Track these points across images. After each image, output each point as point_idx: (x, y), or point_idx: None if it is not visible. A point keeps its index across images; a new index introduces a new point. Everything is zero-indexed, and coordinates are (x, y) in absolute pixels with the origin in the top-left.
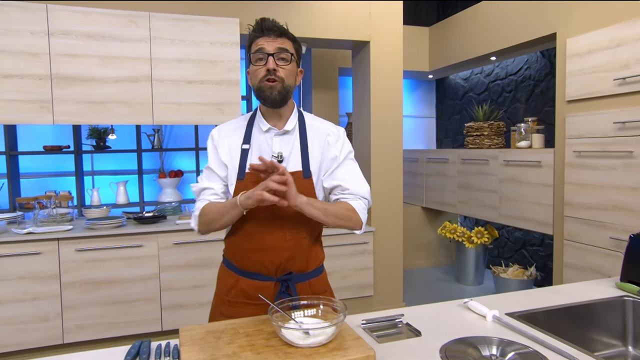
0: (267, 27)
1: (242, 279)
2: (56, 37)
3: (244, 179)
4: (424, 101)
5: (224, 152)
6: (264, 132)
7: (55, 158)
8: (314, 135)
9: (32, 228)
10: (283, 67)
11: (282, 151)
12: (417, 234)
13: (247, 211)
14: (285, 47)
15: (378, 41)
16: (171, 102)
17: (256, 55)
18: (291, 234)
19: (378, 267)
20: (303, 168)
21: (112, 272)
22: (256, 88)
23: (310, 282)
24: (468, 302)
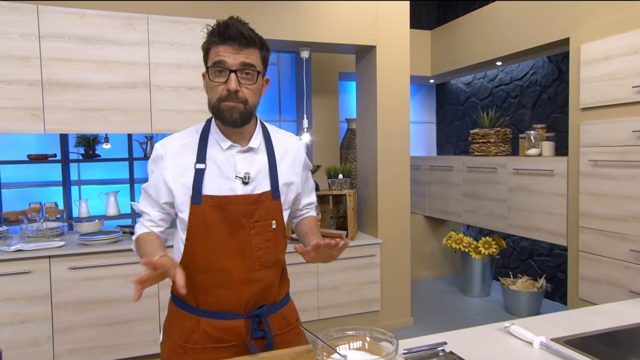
0: (230, 35)
1: (205, 320)
2: (48, 40)
3: (200, 203)
4: (424, 106)
5: (170, 174)
6: (224, 150)
7: (39, 167)
8: (283, 151)
9: (20, 245)
10: (247, 86)
11: (249, 171)
12: (420, 244)
13: (204, 239)
14: (250, 61)
15: (385, 45)
16: (171, 109)
17: (214, 69)
18: (260, 264)
19: (385, 281)
20: (272, 188)
21: (107, 292)
22: (212, 105)
23: (282, 312)
24: (510, 327)
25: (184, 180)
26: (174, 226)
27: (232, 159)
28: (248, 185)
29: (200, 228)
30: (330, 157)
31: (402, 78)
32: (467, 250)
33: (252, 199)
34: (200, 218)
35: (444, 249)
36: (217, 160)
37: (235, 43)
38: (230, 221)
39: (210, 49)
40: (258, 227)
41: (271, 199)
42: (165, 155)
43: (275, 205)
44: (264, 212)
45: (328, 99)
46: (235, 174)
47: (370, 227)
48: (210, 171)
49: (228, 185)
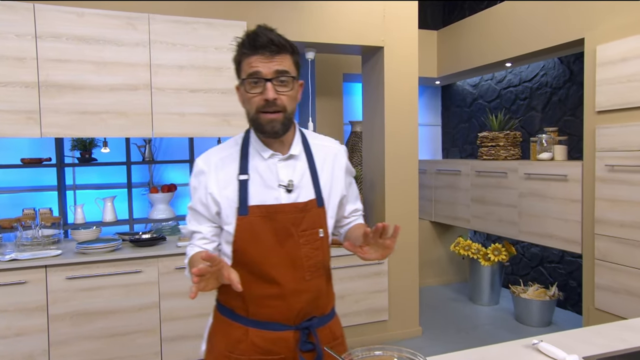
0: (260, 44)
1: (254, 331)
2: (45, 41)
3: (247, 214)
4: (429, 108)
5: (215, 187)
6: (265, 159)
7: (32, 171)
8: (323, 157)
9: (15, 254)
10: (284, 93)
11: (292, 178)
12: (427, 250)
13: (253, 249)
14: (284, 67)
15: (393, 46)
16: (173, 112)
17: (250, 80)
18: (310, 274)
19: (393, 289)
20: (316, 195)
21: (106, 302)
22: (251, 118)
23: (329, 326)
24: (539, 344)
25: (228, 192)
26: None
27: (274, 167)
28: (292, 193)
29: (248, 239)
30: None
31: (410, 80)
32: (476, 257)
33: (299, 207)
34: (248, 228)
35: (451, 255)
36: (259, 170)
37: (266, 51)
38: (279, 230)
39: (242, 61)
40: (306, 235)
41: (316, 206)
42: (208, 169)
43: (321, 213)
44: (311, 220)
45: (332, 101)
46: (278, 182)
47: None
48: (254, 181)
49: (272, 195)
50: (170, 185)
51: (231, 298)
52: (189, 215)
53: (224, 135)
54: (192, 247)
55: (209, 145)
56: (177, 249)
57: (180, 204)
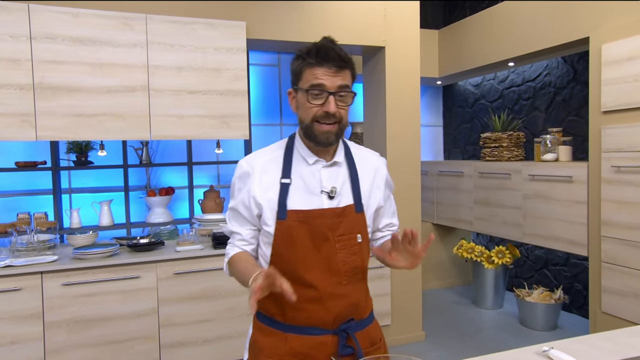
0: (329, 58)
1: (292, 336)
2: (39, 42)
3: (285, 218)
4: (430, 108)
5: (258, 189)
6: (309, 165)
7: (26, 175)
8: (364, 167)
9: (9, 260)
10: (343, 107)
11: (334, 185)
12: (429, 252)
13: (290, 253)
14: (346, 82)
15: (394, 46)
16: (171, 114)
17: (313, 91)
18: (347, 278)
19: (395, 293)
20: (355, 201)
21: (104, 309)
22: (305, 126)
23: (367, 330)
24: (549, 351)
25: (270, 195)
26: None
27: (318, 173)
28: (334, 199)
29: (286, 243)
30: None
31: (412, 80)
32: (479, 260)
33: (336, 211)
34: (285, 233)
35: (453, 258)
36: (302, 175)
37: (333, 66)
38: (315, 235)
39: (304, 70)
40: (343, 240)
41: (355, 212)
42: (253, 171)
43: (360, 219)
44: (348, 225)
45: None
46: (321, 188)
47: None
48: (296, 186)
49: (314, 200)
50: (168, 189)
51: (269, 305)
52: (230, 214)
53: (223, 137)
54: (232, 246)
55: (207, 147)
56: (175, 253)
57: (178, 207)
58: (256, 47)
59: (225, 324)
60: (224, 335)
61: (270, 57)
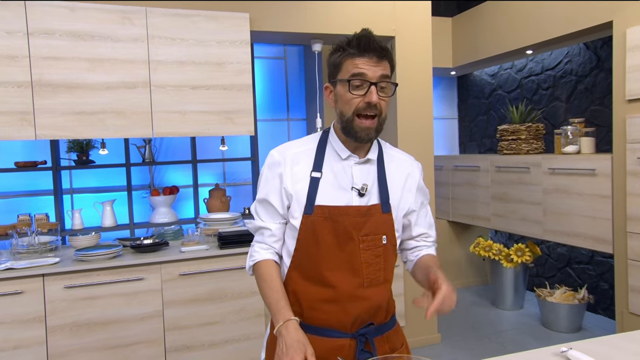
0: (370, 48)
1: (309, 337)
2: (37, 38)
3: (312, 213)
4: (445, 100)
5: (289, 180)
6: (342, 159)
7: (26, 175)
8: (395, 167)
9: (10, 262)
10: (384, 98)
11: (366, 182)
12: (445, 251)
13: (312, 250)
14: (387, 73)
15: (404, 36)
16: (173, 110)
17: (354, 81)
18: (369, 281)
19: (409, 294)
20: (381, 201)
21: (107, 312)
22: (345, 120)
23: (387, 335)
24: (567, 352)
25: (299, 187)
26: None
27: (349, 169)
28: (364, 197)
29: (309, 239)
30: None
31: (424, 71)
32: (498, 259)
33: (362, 210)
34: (309, 228)
35: (470, 257)
36: (334, 169)
37: (374, 56)
38: (339, 233)
39: (344, 61)
40: (368, 241)
41: (381, 212)
42: (284, 162)
43: (386, 220)
44: (373, 225)
45: None
46: (351, 185)
47: None
48: (326, 180)
49: (343, 196)
50: (172, 188)
51: (291, 303)
52: (258, 208)
53: (228, 133)
54: (260, 246)
55: (212, 145)
56: (180, 254)
57: (182, 207)
58: (261, 40)
59: (233, 327)
60: (231, 338)
61: (276, 50)
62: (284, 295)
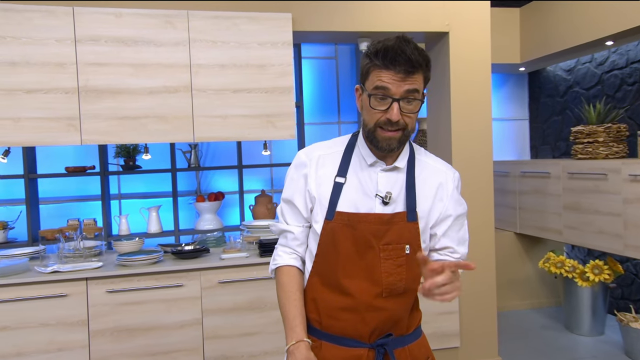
0: (397, 62)
1: (327, 345)
2: (84, 44)
3: (332, 219)
4: (514, 100)
5: (313, 182)
6: (368, 165)
7: (77, 180)
8: (426, 175)
9: (57, 265)
10: (409, 113)
11: (391, 190)
12: (510, 267)
13: (332, 257)
14: (415, 87)
15: (459, 31)
16: (214, 115)
17: (376, 95)
18: (389, 291)
19: (465, 311)
20: (407, 209)
21: (147, 318)
22: (368, 130)
23: (410, 348)
24: None
25: (322, 191)
26: None
27: (375, 176)
28: (388, 205)
29: (329, 245)
30: None
31: (482, 69)
32: (571, 276)
33: (384, 218)
34: (330, 234)
35: (541, 274)
36: (359, 175)
37: (401, 71)
38: (358, 240)
39: (370, 71)
40: (389, 250)
41: (406, 220)
42: (310, 163)
43: (411, 229)
44: (395, 234)
45: None
46: (375, 192)
47: None
48: (351, 186)
49: (366, 204)
50: (218, 194)
51: (308, 310)
52: (283, 209)
53: (268, 138)
54: (283, 250)
55: (257, 149)
56: (220, 261)
57: (228, 214)
58: (305, 40)
59: (272, 338)
60: (271, 350)
61: (326, 49)
62: (301, 312)
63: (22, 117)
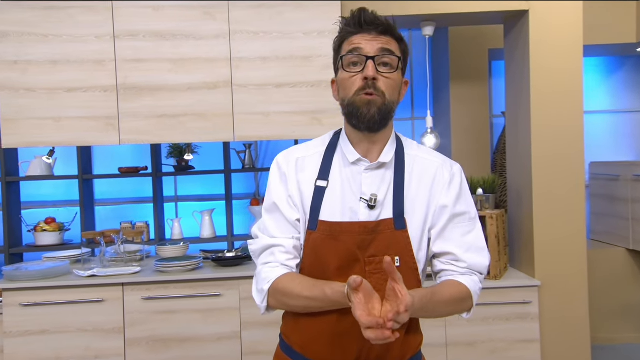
0: (367, 21)
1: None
2: (122, 40)
3: (315, 230)
4: (630, 87)
5: (294, 189)
6: (350, 164)
7: (134, 181)
8: (419, 172)
9: (96, 269)
10: (386, 75)
11: (376, 192)
12: (620, 290)
13: (315, 274)
14: (389, 47)
15: (541, 8)
16: (256, 112)
17: (349, 58)
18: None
19: (548, 340)
20: (395, 215)
21: (184, 328)
22: (347, 103)
23: None
24: None
25: (304, 198)
26: None
27: (359, 176)
28: (375, 209)
29: (312, 260)
30: (477, 165)
31: (571, 52)
32: None
33: (369, 227)
34: (312, 247)
35: None
36: (342, 177)
37: (372, 30)
38: (342, 253)
39: (343, 42)
40: (376, 263)
41: (393, 228)
42: (287, 167)
43: (400, 237)
44: (382, 244)
45: (473, 87)
46: (360, 195)
47: (525, 262)
48: (333, 190)
49: (350, 209)
50: None
51: (291, 332)
52: (265, 222)
53: (315, 136)
54: (272, 267)
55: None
56: None
57: None
58: None
59: None
60: None
61: None
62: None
63: (63, 117)
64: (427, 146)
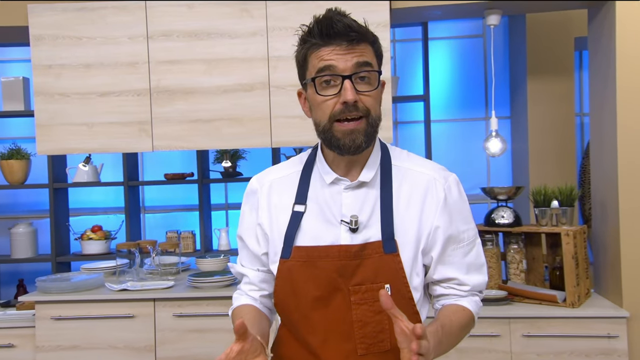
0: (337, 32)
1: None
2: (156, 41)
3: (289, 257)
4: None
5: (265, 215)
6: (327, 184)
7: (183, 188)
8: (409, 185)
9: (130, 283)
10: (367, 93)
11: (358, 214)
12: None
13: (291, 306)
14: (366, 58)
15: None
16: (294, 115)
17: (320, 80)
18: (365, 347)
19: None
20: (383, 237)
21: (215, 348)
22: (323, 129)
23: None
24: None
25: (278, 225)
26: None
27: (338, 197)
28: (358, 232)
29: (287, 291)
30: (559, 171)
31: None
32: None
33: (351, 250)
34: (287, 277)
35: None
36: (319, 199)
37: (343, 41)
38: (321, 282)
39: (308, 57)
40: (362, 292)
41: (382, 252)
42: (260, 190)
43: (390, 262)
44: (370, 270)
45: (555, 82)
46: (340, 217)
47: (612, 288)
48: (311, 214)
49: (331, 233)
50: None
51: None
52: (239, 247)
53: None
54: (239, 293)
55: None
56: None
57: None
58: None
59: None
60: None
61: (469, 26)
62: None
63: (96, 122)
64: (492, 151)
